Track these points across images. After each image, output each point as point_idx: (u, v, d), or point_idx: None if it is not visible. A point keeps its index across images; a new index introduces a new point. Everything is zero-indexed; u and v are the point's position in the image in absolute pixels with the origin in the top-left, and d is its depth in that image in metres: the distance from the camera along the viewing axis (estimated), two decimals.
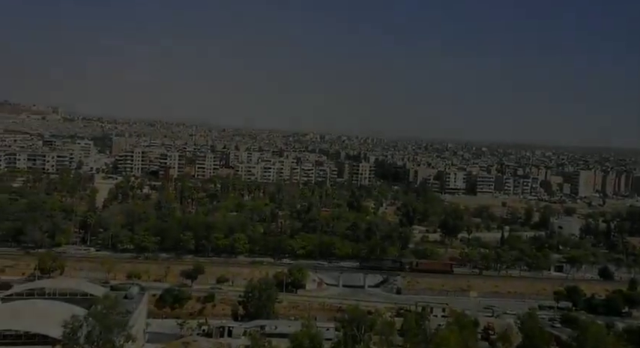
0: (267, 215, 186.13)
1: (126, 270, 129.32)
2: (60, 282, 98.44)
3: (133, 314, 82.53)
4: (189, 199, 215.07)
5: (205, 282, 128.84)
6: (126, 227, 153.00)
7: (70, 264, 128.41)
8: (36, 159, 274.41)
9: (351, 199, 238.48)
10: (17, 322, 72.24)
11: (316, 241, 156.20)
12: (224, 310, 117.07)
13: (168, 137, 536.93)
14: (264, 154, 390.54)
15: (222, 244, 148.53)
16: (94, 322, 64.89)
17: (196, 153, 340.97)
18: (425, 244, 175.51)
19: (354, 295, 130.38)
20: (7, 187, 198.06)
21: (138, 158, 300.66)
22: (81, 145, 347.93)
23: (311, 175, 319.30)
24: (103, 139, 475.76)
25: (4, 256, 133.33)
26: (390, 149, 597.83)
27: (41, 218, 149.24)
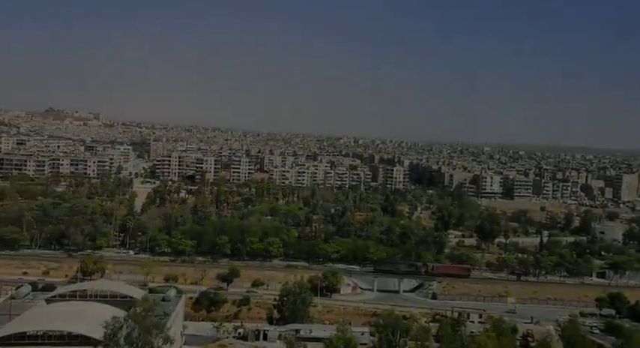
0: (301, 219, 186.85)
1: (163, 273, 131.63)
2: (101, 284, 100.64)
3: (170, 316, 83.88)
4: (224, 203, 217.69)
5: (240, 285, 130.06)
6: (163, 231, 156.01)
7: (110, 267, 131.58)
8: (78, 164, 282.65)
9: (386, 203, 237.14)
10: (60, 323, 74.28)
11: (350, 246, 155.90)
12: (259, 314, 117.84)
13: (204, 142, 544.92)
14: (298, 158, 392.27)
15: (257, 247, 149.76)
16: (133, 323, 66.25)
17: (231, 157, 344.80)
18: (461, 248, 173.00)
19: (388, 299, 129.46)
20: (51, 192, 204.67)
21: (175, 163, 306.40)
22: (120, 150, 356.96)
23: (345, 179, 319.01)
24: (141, 144, 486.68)
25: (49, 259, 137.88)
26: (425, 153, 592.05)
27: (83, 222, 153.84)
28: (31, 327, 73.30)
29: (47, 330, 73.11)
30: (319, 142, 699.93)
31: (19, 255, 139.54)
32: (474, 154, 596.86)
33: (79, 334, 71.43)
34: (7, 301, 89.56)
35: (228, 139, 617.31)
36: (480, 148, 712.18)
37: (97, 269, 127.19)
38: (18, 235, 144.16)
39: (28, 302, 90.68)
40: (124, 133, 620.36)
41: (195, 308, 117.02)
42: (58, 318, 76.43)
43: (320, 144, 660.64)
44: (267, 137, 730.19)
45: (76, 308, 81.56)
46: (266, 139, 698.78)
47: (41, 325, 74.21)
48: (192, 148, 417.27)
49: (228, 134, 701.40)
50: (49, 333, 72.90)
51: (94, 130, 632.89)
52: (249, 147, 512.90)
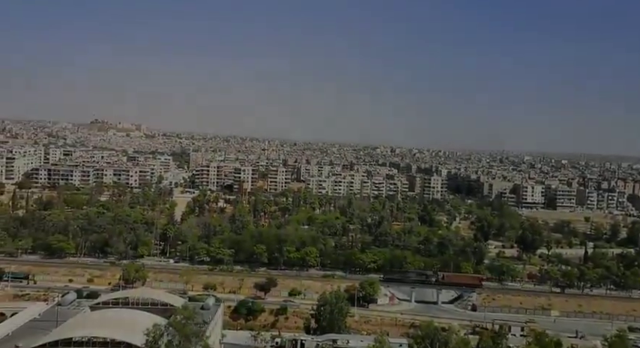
0: (338, 229, 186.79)
1: (202, 281, 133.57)
2: (142, 292, 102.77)
3: (209, 325, 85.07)
4: (262, 212, 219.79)
5: (278, 294, 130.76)
6: (202, 240, 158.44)
7: (151, 275, 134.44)
8: (121, 174, 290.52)
9: (423, 212, 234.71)
10: (104, 330, 76.18)
11: (387, 255, 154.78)
12: (296, 323, 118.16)
13: (242, 152, 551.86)
14: (334, 167, 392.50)
15: (294, 257, 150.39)
16: (173, 331, 67.37)
17: (269, 167, 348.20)
18: (501, 259, 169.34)
19: (427, 311, 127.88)
20: (95, 201, 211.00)
21: (213, 173, 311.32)
22: (161, 161, 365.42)
23: (382, 188, 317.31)
24: (181, 154, 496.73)
25: (93, 267, 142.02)
26: (463, 162, 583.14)
27: (125, 231, 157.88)
28: (77, 333, 75.41)
29: (92, 336, 75.07)
30: (356, 151, 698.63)
31: (65, 263, 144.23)
32: (514, 164, 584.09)
33: (122, 341, 73.08)
34: (54, 308, 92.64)
35: (265, 149, 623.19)
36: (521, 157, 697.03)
37: (139, 277, 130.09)
38: (64, 243, 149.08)
39: (74, 309, 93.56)
40: (165, 144, 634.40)
41: (233, 317, 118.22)
42: (102, 325, 78.42)
43: (356, 153, 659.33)
44: (304, 147, 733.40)
45: (118, 316, 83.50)
46: (303, 148, 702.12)
47: (86, 331, 76.25)
48: (230, 158, 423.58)
49: (265, 144, 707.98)
50: (93, 339, 74.86)
51: (136, 140, 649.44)
52: (286, 157, 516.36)
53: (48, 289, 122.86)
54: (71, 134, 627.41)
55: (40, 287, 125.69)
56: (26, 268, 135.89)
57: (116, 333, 74.71)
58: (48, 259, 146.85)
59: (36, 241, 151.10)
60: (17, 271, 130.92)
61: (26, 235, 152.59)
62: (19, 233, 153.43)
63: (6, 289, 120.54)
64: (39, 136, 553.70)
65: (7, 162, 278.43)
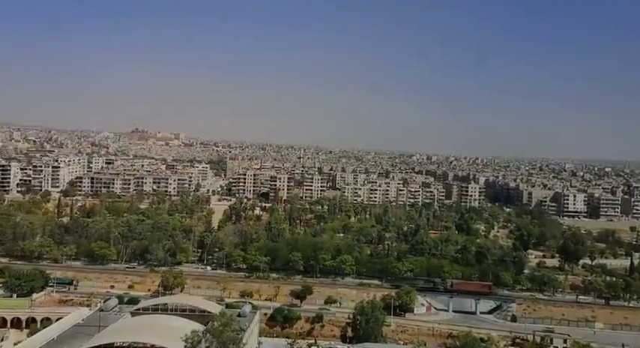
0: (373, 237, 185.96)
1: (239, 288, 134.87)
2: (181, 299, 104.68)
3: (246, 332, 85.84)
4: (297, 220, 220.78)
5: (313, 302, 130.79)
6: (239, 247, 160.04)
7: (189, 282, 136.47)
8: (160, 182, 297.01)
9: (460, 221, 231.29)
10: (145, 335, 77.99)
11: (424, 264, 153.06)
12: (332, 331, 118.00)
13: (278, 160, 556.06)
14: (370, 175, 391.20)
15: (330, 265, 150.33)
16: (211, 338, 68.33)
17: (304, 175, 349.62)
18: (542, 269, 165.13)
19: (465, 321, 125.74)
20: (135, 209, 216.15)
21: (250, 180, 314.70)
22: (199, 169, 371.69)
23: (418, 196, 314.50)
24: (218, 162, 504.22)
25: (133, 273, 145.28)
26: (502, 170, 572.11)
27: (164, 238, 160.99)
28: (118, 338, 77.41)
29: (132, 342, 76.97)
30: (391, 159, 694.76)
31: (107, 269, 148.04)
32: (554, 171, 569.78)
33: (162, 346, 74.53)
34: (97, 313, 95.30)
35: (301, 157, 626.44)
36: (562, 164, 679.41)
37: (177, 284, 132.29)
38: (106, 250, 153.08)
39: (115, 315, 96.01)
40: (202, 152, 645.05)
41: (269, 324, 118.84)
42: (142, 331, 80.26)
43: (392, 161, 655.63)
44: (340, 154, 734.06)
45: (158, 321, 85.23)
46: (338, 156, 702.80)
47: (127, 337, 78.20)
48: (266, 166, 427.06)
49: (300, 152, 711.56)
50: (134, 345, 76.70)
51: (174, 149, 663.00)
52: (322, 164, 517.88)
53: (91, 295, 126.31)
54: (113, 143, 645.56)
55: (83, 293, 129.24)
56: (70, 274, 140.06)
57: (156, 339, 76.28)
58: (91, 266, 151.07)
59: (79, 248, 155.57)
60: (62, 277, 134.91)
61: (70, 242, 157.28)
62: (63, 240, 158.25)
63: (51, 294, 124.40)
64: (83, 145, 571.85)
65: (52, 171, 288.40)
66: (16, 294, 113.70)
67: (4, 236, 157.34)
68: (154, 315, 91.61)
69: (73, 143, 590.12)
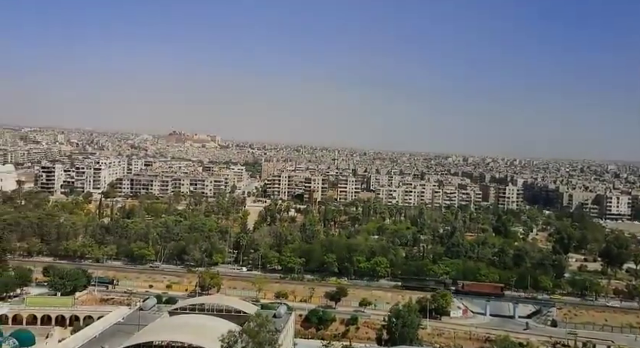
0: (408, 239, 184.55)
1: (274, 289, 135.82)
2: (217, 299, 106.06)
3: (281, 333, 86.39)
4: (332, 221, 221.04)
5: (348, 304, 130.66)
6: (274, 248, 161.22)
7: (225, 282, 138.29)
8: (197, 184, 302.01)
9: (498, 223, 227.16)
10: (182, 335, 79.42)
11: (460, 267, 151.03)
12: (367, 334, 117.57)
13: (313, 162, 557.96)
14: (405, 177, 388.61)
15: (364, 267, 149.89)
16: (247, 338, 68.94)
17: (338, 177, 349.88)
18: (583, 273, 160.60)
19: (502, 325, 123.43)
20: (173, 210, 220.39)
21: (284, 182, 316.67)
22: (234, 171, 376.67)
23: (453, 198, 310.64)
24: (253, 164, 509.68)
25: (171, 273, 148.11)
26: (541, 171, 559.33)
27: (201, 239, 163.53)
28: (157, 337, 79.02)
29: (170, 341, 78.47)
30: (426, 160, 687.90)
31: (146, 269, 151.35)
32: (596, 173, 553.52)
33: (199, 346, 75.76)
34: (136, 312, 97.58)
35: (335, 159, 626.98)
36: (604, 166, 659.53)
37: (214, 284, 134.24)
38: (145, 250, 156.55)
39: (154, 314, 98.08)
40: (238, 154, 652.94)
41: (304, 325, 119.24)
42: (180, 330, 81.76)
43: (427, 162, 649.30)
44: (374, 156, 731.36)
45: (195, 321, 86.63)
46: (372, 158, 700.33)
47: (165, 336, 79.76)
48: (300, 168, 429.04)
49: (335, 154, 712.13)
50: (172, 344, 78.17)
51: (210, 151, 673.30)
52: (356, 166, 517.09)
53: (130, 294, 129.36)
54: (151, 145, 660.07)
55: (123, 292, 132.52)
56: (111, 274, 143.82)
57: (193, 338, 77.59)
58: (130, 265, 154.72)
59: (119, 248, 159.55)
60: (103, 276, 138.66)
61: (111, 242, 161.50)
62: (104, 240, 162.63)
63: (93, 293, 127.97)
64: (122, 147, 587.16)
65: (94, 172, 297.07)
66: (60, 292, 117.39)
67: (48, 236, 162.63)
68: (192, 315, 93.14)
69: (114, 146, 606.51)
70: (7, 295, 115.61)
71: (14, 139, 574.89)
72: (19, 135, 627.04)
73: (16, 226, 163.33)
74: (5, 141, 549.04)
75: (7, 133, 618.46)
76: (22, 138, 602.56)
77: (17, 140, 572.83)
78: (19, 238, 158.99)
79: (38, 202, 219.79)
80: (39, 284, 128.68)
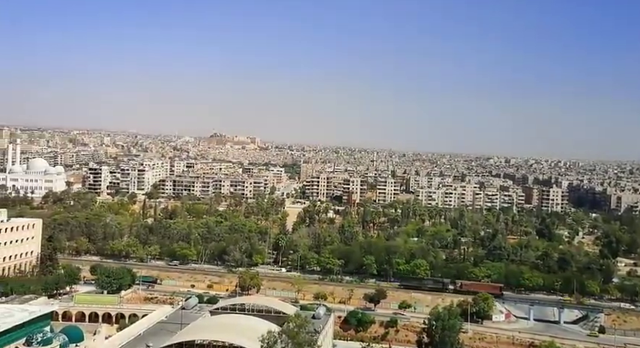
0: (448, 241, 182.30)
1: (313, 291, 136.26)
2: (257, 299, 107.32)
3: (320, 334, 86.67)
4: (370, 223, 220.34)
5: (387, 306, 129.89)
6: (312, 249, 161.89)
7: (264, 283, 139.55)
8: (237, 185, 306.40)
9: (541, 226, 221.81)
10: (224, 334, 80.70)
11: (502, 270, 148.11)
12: (407, 337, 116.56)
13: (351, 163, 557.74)
14: (445, 178, 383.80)
15: (404, 269, 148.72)
16: (287, 339, 69.48)
17: (377, 178, 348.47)
18: (634, 278, 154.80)
19: (547, 330, 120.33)
20: (214, 211, 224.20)
21: (323, 184, 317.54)
22: (274, 172, 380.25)
23: (495, 200, 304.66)
24: (292, 165, 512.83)
25: (212, 273, 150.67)
26: (587, 173, 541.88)
27: (241, 239, 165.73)
28: (199, 336, 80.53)
29: (212, 340, 79.82)
30: (467, 162, 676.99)
31: (188, 269, 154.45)
32: None
33: (240, 346, 76.81)
34: (179, 311, 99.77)
35: (374, 160, 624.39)
36: None
37: (253, 285, 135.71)
38: (187, 250, 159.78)
39: (196, 313, 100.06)
40: (277, 156, 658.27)
41: (343, 327, 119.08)
42: (221, 329, 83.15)
43: (468, 164, 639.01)
44: (413, 157, 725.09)
45: (236, 321, 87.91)
46: (412, 159, 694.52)
47: (207, 335, 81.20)
48: (339, 169, 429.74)
49: (374, 155, 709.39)
50: (213, 343, 79.54)
51: (250, 153, 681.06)
52: (395, 167, 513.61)
53: (173, 293, 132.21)
54: (193, 147, 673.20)
55: (166, 291, 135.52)
56: (154, 273, 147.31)
57: (234, 338, 78.73)
58: (172, 265, 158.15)
59: (162, 248, 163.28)
60: (147, 276, 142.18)
61: (154, 242, 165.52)
62: (148, 240, 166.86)
63: (138, 291, 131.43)
64: (165, 149, 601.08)
65: (138, 174, 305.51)
66: (107, 291, 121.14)
67: (95, 236, 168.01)
68: (232, 315, 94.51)
69: (157, 148, 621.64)
70: (57, 293, 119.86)
71: (64, 142, 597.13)
72: (68, 137, 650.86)
73: (65, 226, 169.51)
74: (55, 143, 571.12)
75: (57, 136, 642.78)
76: (71, 140, 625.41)
77: (66, 142, 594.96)
78: (68, 237, 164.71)
79: (86, 203, 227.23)
80: (87, 282, 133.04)
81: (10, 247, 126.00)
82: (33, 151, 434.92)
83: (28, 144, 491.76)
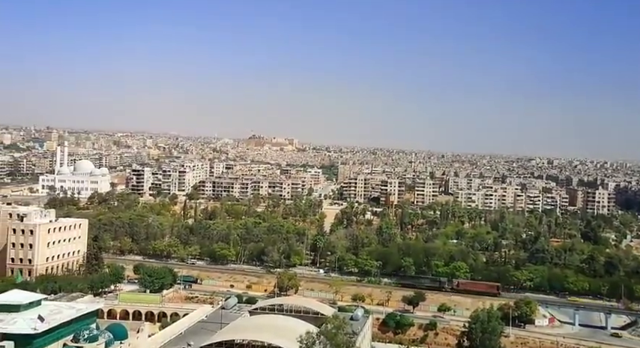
0: (489, 244, 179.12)
1: (351, 292, 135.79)
2: (295, 300, 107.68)
3: (358, 336, 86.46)
4: (409, 225, 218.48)
5: (426, 309, 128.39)
6: (350, 251, 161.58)
7: (302, 283, 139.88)
8: (275, 186, 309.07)
9: (586, 229, 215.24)
10: (263, 334, 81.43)
11: (545, 273, 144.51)
12: (447, 340, 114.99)
13: (389, 164, 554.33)
14: (485, 180, 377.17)
15: (443, 271, 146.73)
16: (325, 340, 69.60)
17: (415, 180, 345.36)
18: None
19: (593, 336, 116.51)
20: (252, 212, 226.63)
21: (361, 185, 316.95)
22: (311, 173, 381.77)
23: (537, 202, 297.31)
24: (330, 167, 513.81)
25: (251, 274, 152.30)
26: (635, 174, 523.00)
27: (279, 240, 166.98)
28: (238, 336, 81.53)
29: (251, 340, 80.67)
30: (508, 163, 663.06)
31: (228, 269, 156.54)
32: None
33: (278, 346, 77.34)
34: (219, 311, 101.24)
35: (412, 162, 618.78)
36: None
37: (292, 285, 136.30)
38: (226, 250, 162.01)
39: (235, 313, 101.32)
40: (315, 157, 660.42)
41: (381, 329, 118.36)
42: (260, 330, 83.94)
43: (509, 165, 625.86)
44: (452, 159, 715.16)
45: (275, 321, 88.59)
46: (451, 160, 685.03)
47: (246, 335, 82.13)
48: (377, 171, 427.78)
49: (412, 156, 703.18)
50: (252, 343, 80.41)
51: (288, 154, 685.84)
52: (434, 169, 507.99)
53: (213, 293, 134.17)
54: (232, 149, 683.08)
55: (206, 291, 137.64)
56: (195, 273, 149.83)
57: (272, 338, 79.33)
58: (212, 265, 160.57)
59: (202, 248, 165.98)
60: (188, 275, 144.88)
61: (194, 242, 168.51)
62: (188, 240, 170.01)
63: (179, 291, 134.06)
64: (205, 151, 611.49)
65: (179, 175, 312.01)
66: (149, 290, 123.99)
67: (138, 236, 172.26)
68: (271, 315, 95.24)
69: (197, 149, 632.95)
70: (102, 291, 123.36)
71: (108, 144, 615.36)
72: (112, 140, 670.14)
73: (110, 226, 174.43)
74: (100, 145, 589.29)
75: (102, 139, 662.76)
76: (115, 142, 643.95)
77: (111, 145, 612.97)
78: (112, 237, 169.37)
79: (129, 204, 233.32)
80: (130, 281, 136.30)
81: (58, 246, 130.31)
82: (79, 153, 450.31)
83: (75, 146, 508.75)
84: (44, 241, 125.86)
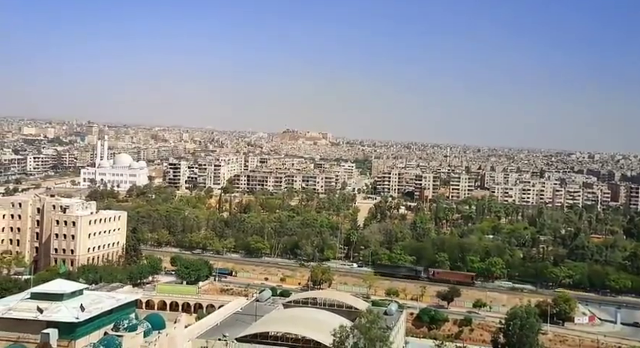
0: (526, 240, 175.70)
1: (385, 287, 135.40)
2: (329, 294, 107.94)
3: (392, 330, 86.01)
4: (443, 220, 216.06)
5: (461, 305, 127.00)
6: (384, 245, 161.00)
7: (336, 278, 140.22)
8: (309, 180, 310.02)
9: (629, 225, 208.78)
10: (297, 327, 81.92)
11: (585, 270, 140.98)
12: (482, 336, 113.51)
13: (423, 159, 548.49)
14: (522, 174, 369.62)
15: (478, 267, 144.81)
16: (359, 334, 69.50)
17: (450, 174, 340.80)
18: None
19: (636, 335, 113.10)
20: (286, 205, 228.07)
21: (395, 179, 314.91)
22: (345, 168, 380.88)
23: (577, 198, 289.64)
24: (363, 161, 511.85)
25: (285, 267, 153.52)
26: None
27: (312, 234, 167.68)
28: (273, 328, 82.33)
29: (285, 332, 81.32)
30: (547, 157, 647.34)
31: (262, 262, 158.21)
32: None
33: (312, 339, 77.72)
34: (253, 303, 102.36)
35: (447, 156, 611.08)
36: None
37: (325, 279, 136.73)
38: (260, 244, 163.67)
39: (269, 305, 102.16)
40: (348, 151, 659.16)
41: (415, 324, 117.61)
42: (294, 322, 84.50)
43: (547, 159, 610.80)
44: (489, 153, 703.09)
45: (308, 315, 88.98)
46: (487, 154, 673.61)
47: (280, 327, 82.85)
48: (411, 165, 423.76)
49: (447, 150, 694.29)
50: (286, 335, 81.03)
51: (322, 148, 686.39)
52: (469, 163, 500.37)
53: (247, 286, 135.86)
54: (266, 143, 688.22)
55: (240, 283, 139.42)
56: (230, 265, 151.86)
57: (306, 331, 79.74)
58: (247, 258, 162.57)
59: (237, 241, 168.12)
60: (223, 268, 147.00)
61: (229, 235, 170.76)
62: (223, 233, 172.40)
63: (214, 283, 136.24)
64: (240, 145, 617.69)
65: (214, 169, 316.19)
66: (186, 281, 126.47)
67: (175, 228, 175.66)
68: (305, 308, 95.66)
69: (232, 143, 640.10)
70: (140, 282, 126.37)
71: (146, 138, 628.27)
72: (150, 134, 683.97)
73: (147, 219, 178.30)
74: (139, 139, 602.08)
75: (140, 133, 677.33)
76: (153, 136, 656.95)
77: (149, 138, 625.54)
78: (150, 229, 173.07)
79: (166, 197, 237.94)
80: (167, 273, 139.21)
81: (99, 237, 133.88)
82: (119, 147, 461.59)
83: (115, 140, 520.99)
84: (85, 232, 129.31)
